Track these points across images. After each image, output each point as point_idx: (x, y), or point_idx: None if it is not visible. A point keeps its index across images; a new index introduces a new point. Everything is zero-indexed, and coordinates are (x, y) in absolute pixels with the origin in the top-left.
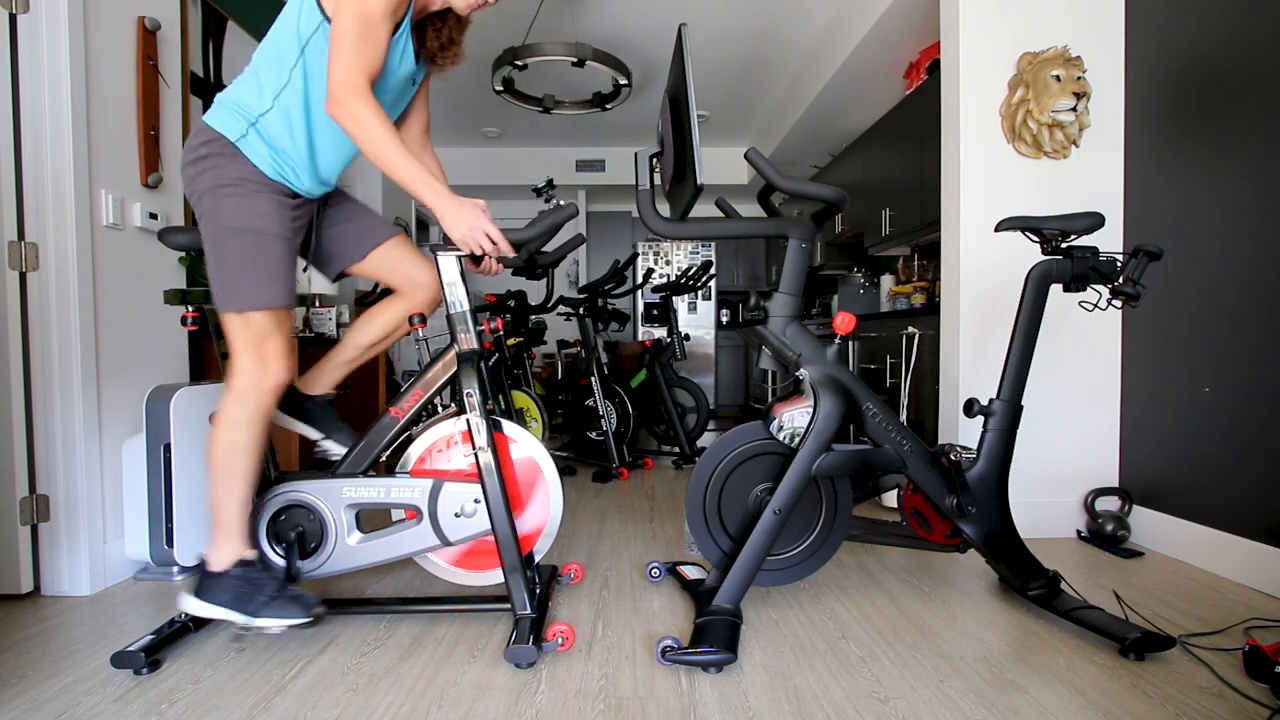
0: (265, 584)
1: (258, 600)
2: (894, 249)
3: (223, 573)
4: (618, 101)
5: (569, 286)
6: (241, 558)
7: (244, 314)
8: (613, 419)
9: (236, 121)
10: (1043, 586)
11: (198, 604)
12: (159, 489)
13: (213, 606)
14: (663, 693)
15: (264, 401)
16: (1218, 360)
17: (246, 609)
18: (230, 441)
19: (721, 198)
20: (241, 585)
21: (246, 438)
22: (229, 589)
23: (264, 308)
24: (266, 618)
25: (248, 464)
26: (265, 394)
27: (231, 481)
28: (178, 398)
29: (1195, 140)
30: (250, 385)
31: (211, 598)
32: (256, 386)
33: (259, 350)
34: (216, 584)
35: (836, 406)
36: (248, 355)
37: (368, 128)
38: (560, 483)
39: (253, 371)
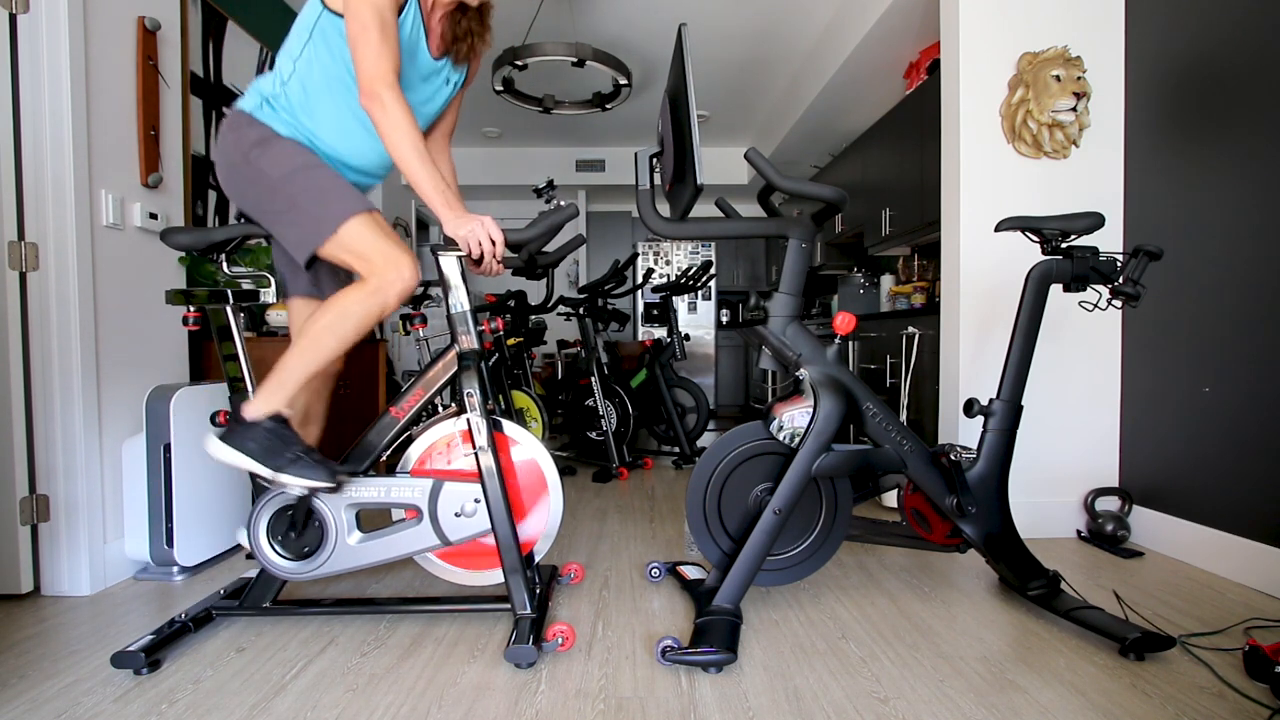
0: (294, 442)
1: (285, 456)
2: (894, 249)
3: (255, 422)
4: (618, 101)
5: (569, 286)
6: (279, 412)
7: (343, 231)
8: (613, 419)
9: (253, 97)
10: (1043, 586)
11: (224, 449)
12: (159, 489)
13: (239, 454)
14: (663, 693)
15: (385, 302)
16: (1218, 360)
17: (272, 461)
18: (336, 323)
19: (721, 198)
20: (271, 438)
21: (352, 326)
22: (259, 439)
23: (356, 213)
24: (291, 474)
25: (337, 348)
26: (392, 295)
27: (312, 354)
28: (178, 398)
29: (1195, 140)
30: (381, 283)
31: (240, 444)
32: (388, 284)
33: (384, 251)
34: (247, 432)
35: (836, 406)
36: (375, 259)
37: (395, 123)
38: (560, 483)
39: (386, 270)
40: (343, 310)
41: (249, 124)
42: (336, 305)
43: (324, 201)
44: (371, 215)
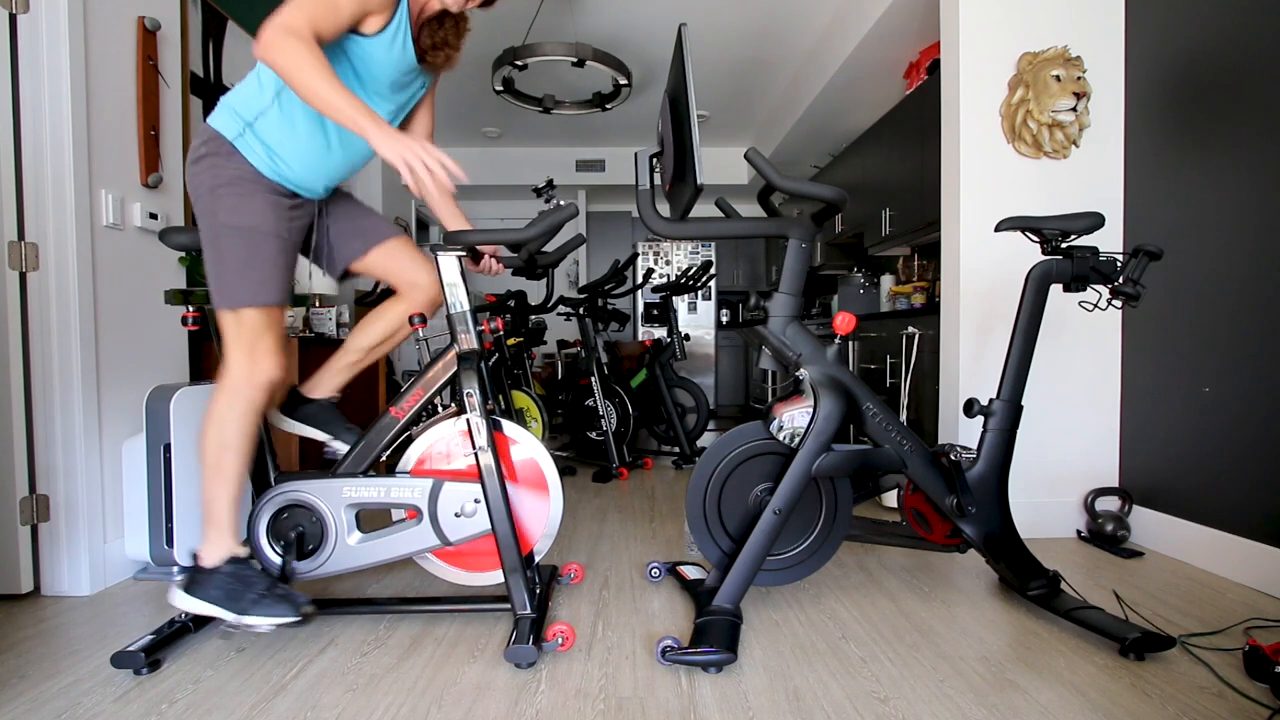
0: (255, 582)
1: (247, 598)
2: (894, 249)
3: (214, 569)
4: (618, 101)
5: (569, 286)
6: (233, 554)
7: (237, 311)
8: (613, 419)
9: (234, 121)
10: (1043, 586)
11: (188, 599)
12: (159, 489)
13: (202, 603)
14: (663, 693)
15: (253, 397)
16: (1218, 360)
17: (235, 606)
18: (220, 438)
19: (721, 198)
20: (232, 582)
21: (236, 434)
22: (220, 585)
23: (256, 305)
24: (256, 615)
25: (238, 460)
26: (255, 390)
27: (222, 477)
28: (178, 398)
29: (1195, 140)
30: (240, 381)
31: (202, 594)
32: (246, 382)
33: (251, 347)
34: (208, 580)
35: (836, 406)
36: (240, 352)
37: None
38: (560, 483)
39: (244, 368)
40: (219, 421)
41: (228, 156)
42: (211, 420)
43: (243, 276)
44: (271, 312)
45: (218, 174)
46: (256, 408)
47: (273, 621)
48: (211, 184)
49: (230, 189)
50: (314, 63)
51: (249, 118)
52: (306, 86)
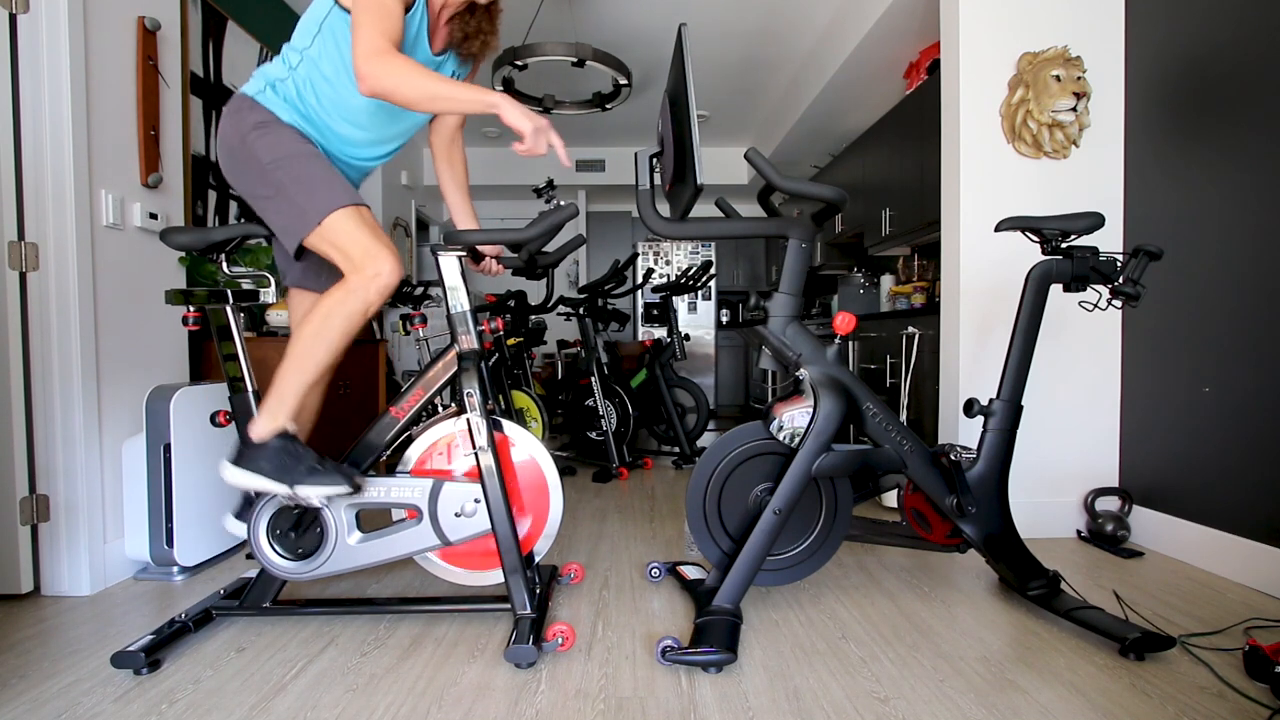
0: (305, 455)
1: (299, 469)
2: (894, 249)
3: (264, 442)
4: (618, 101)
5: (569, 286)
6: (284, 429)
7: (326, 223)
8: (613, 419)
9: (257, 82)
10: (1043, 586)
11: (239, 472)
12: (159, 489)
13: (254, 475)
14: (663, 693)
15: (368, 300)
16: (1218, 360)
17: (288, 478)
18: (322, 327)
19: (721, 198)
20: (282, 455)
21: (339, 329)
22: (271, 458)
23: (341, 206)
24: (308, 485)
25: (328, 355)
26: (373, 292)
27: (305, 363)
28: (178, 398)
29: (1195, 140)
30: (361, 280)
31: (253, 465)
32: (367, 282)
33: (365, 247)
34: (258, 453)
35: (836, 406)
36: (354, 255)
37: (403, 77)
38: (560, 483)
39: (365, 266)
40: (327, 313)
41: (250, 108)
42: (320, 310)
43: (311, 192)
44: (358, 210)
45: (241, 122)
46: (368, 311)
47: (325, 491)
48: (239, 136)
49: (257, 132)
50: (413, 71)
51: (270, 81)
52: (421, 92)
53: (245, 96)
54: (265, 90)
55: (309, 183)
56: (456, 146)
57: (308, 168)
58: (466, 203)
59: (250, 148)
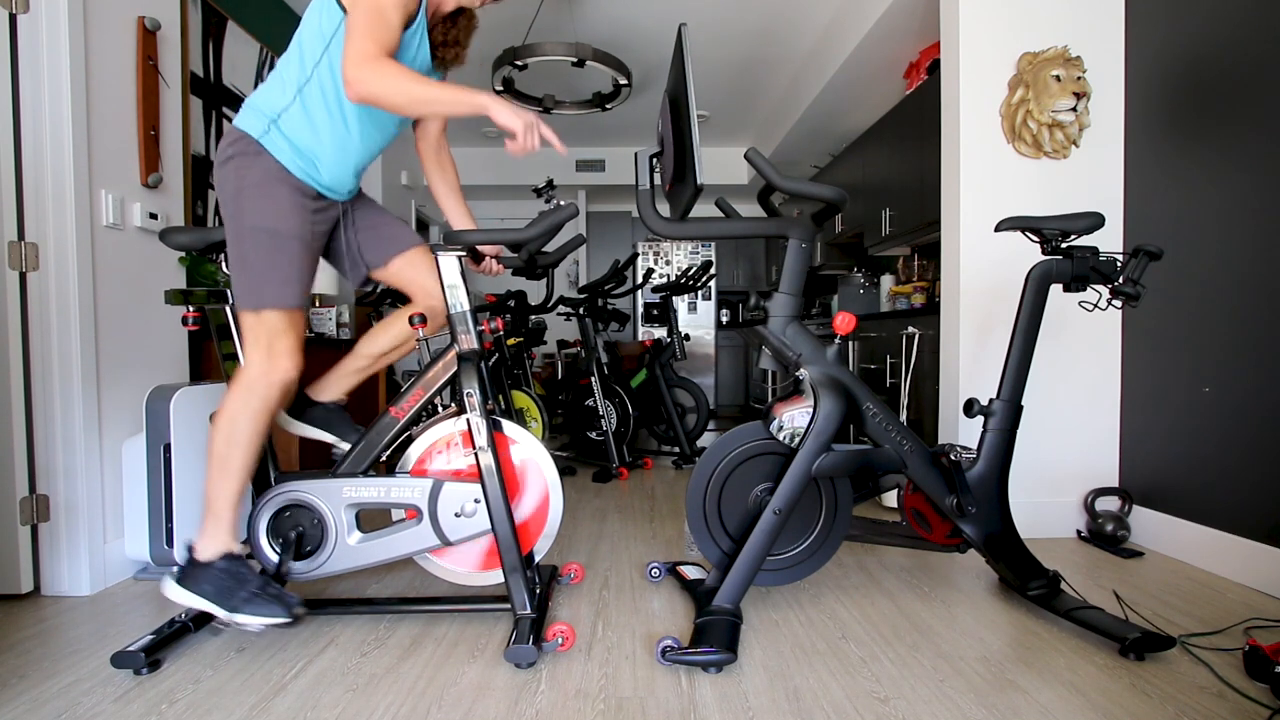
0: (249, 580)
1: (239, 596)
2: (894, 249)
3: (208, 563)
4: (618, 101)
5: (569, 286)
6: (229, 550)
7: (259, 312)
8: (613, 419)
9: (259, 119)
10: (1043, 586)
11: (180, 591)
12: (159, 489)
13: (194, 596)
14: (663, 693)
15: (269, 395)
16: (1218, 360)
17: (227, 603)
18: (231, 433)
19: (721, 198)
20: (225, 579)
21: (248, 431)
22: (212, 580)
23: (278, 307)
24: (246, 614)
25: (246, 458)
26: (271, 388)
27: (228, 473)
28: (178, 398)
29: (1195, 140)
30: (257, 378)
31: (194, 587)
32: (263, 379)
33: (270, 346)
34: (201, 574)
35: (836, 406)
36: (259, 350)
37: (393, 82)
38: (560, 483)
39: (261, 365)
40: (232, 418)
41: (256, 155)
42: (225, 416)
43: (268, 277)
44: (292, 315)
45: (243, 176)
46: (270, 407)
47: (263, 621)
48: (237, 186)
49: (255, 190)
50: (401, 75)
51: (273, 115)
52: (406, 96)
53: (250, 140)
54: (270, 131)
55: (270, 268)
56: (444, 151)
57: (277, 253)
58: (461, 204)
59: (242, 204)
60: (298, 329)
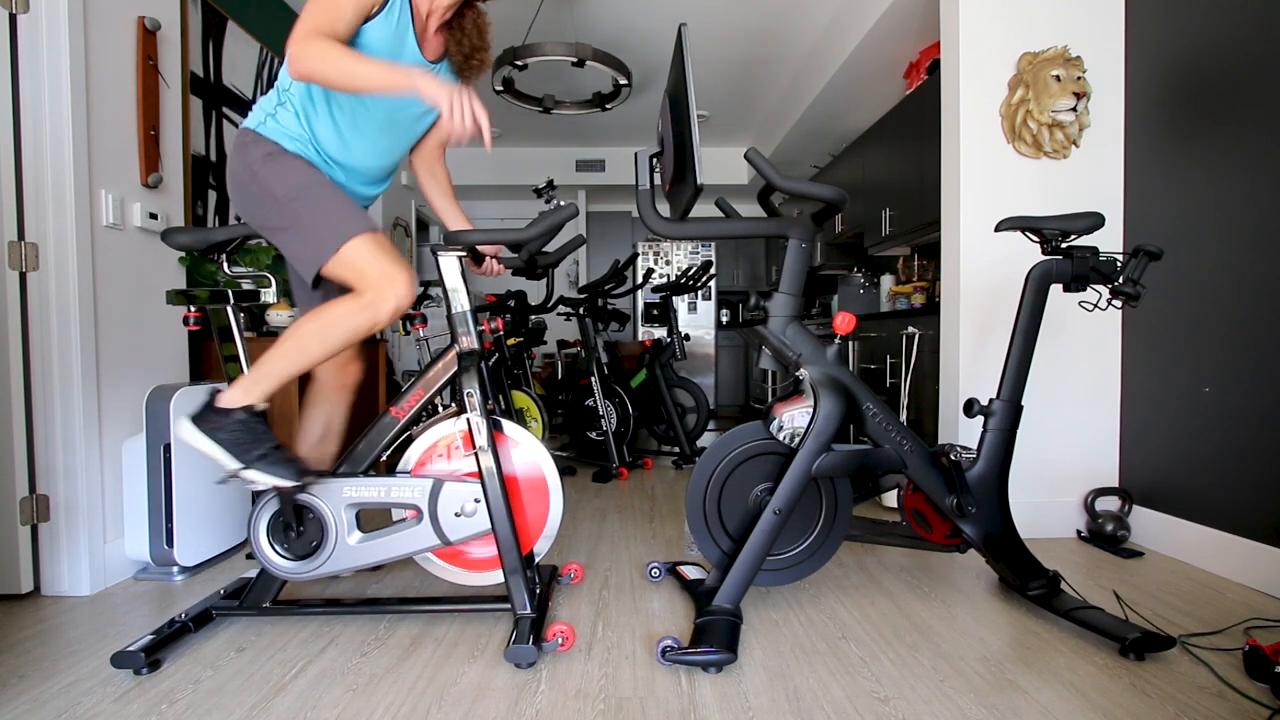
0: (265, 438)
1: (253, 451)
2: (894, 249)
3: (228, 410)
4: (618, 101)
5: (569, 286)
6: (253, 406)
7: (344, 250)
8: (613, 419)
9: (257, 114)
10: (1043, 586)
11: (193, 433)
12: (159, 489)
13: (209, 441)
14: (663, 693)
15: (376, 318)
16: (1218, 360)
17: (240, 454)
18: (323, 329)
19: (721, 198)
20: (242, 431)
21: (339, 336)
22: (230, 430)
23: (358, 233)
24: (257, 470)
25: (322, 354)
26: (384, 312)
27: (296, 355)
28: (178, 398)
29: (1195, 140)
30: (376, 297)
31: (210, 431)
32: (382, 299)
33: (382, 268)
34: (220, 421)
35: (836, 406)
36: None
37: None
38: (560, 483)
39: (381, 285)
40: (333, 319)
41: (255, 141)
42: (328, 313)
43: (327, 221)
44: (374, 235)
45: (249, 157)
46: (374, 328)
47: (272, 480)
48: (249, 170)
49: (266, 165)
50: (338, 52)
51: (269, 110)
52: (342, 71)
53: (248, 130)
54: (266, 121)
55: (325, 212)
56: (439, 164)
57: (322, 197)
58: (455, 207)
59: (263, 182)
60: (389, 251)
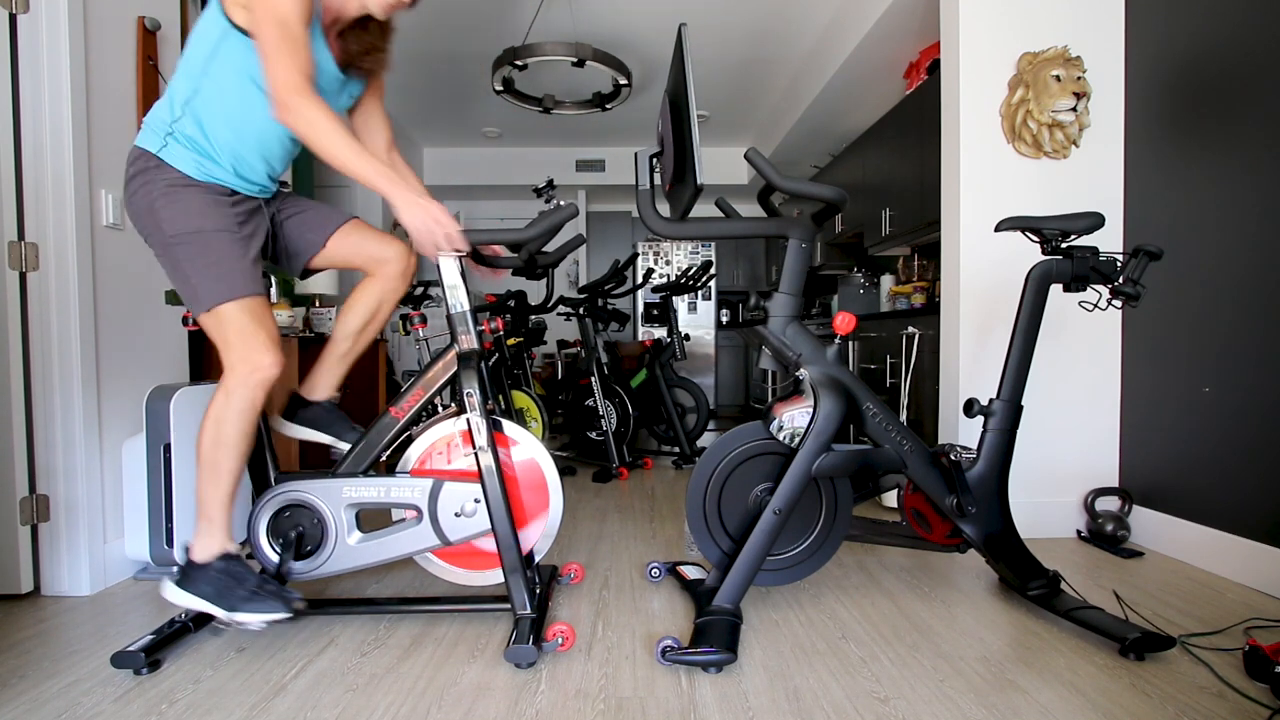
0: (247, 578)
1: (237, 595)
2: (894, 249)
3: (205, 564)
4: (618, 101)
5: (569, 286)
6: (225, 551)
7: (213, 312)
8: (613, 419)
9: (154, 136)
10: (1043, 586)
11: (179, 593)
12: (159, 489)
13: (193, 597)
14: (663, 693)
15: (251, 395)
16: (1218, 360)
17: (226, 603)
18: (217, 435)
19: (721, 198)
20: (223, 579)
21: (233, 432)
22: (211, 581)
23: (227, 300)
24: (245, 613)
25: (234, 460)
26: (251, 388)
27: (217, 476)
28: (178, 398)
29: (1195, 140)
30: (237, 380)
31: (193, 588)
32: (244, 380)
33: (241, 343)
34: (199, 575)
35: (836, 406)
36: (232, 350)
37: (318, 128)
38: (560, 483)
39: (239, 365)
40: (216, 420)
41: (157, 168)
42: (209, 419)
43: (205, 277)
44: (249, 302)
45: (150, 189)
46: (255, 405)
47: (263, 618)
48: (147, 203)
49: (165, 200)
50: (329, 125)
51: (166, 128)
52: (326, 151)
53: (149, 155)
54: (167, 144)
55: (205, 267)
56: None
57: (206, 250)
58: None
59: (156, 217)
60: (265, 322)
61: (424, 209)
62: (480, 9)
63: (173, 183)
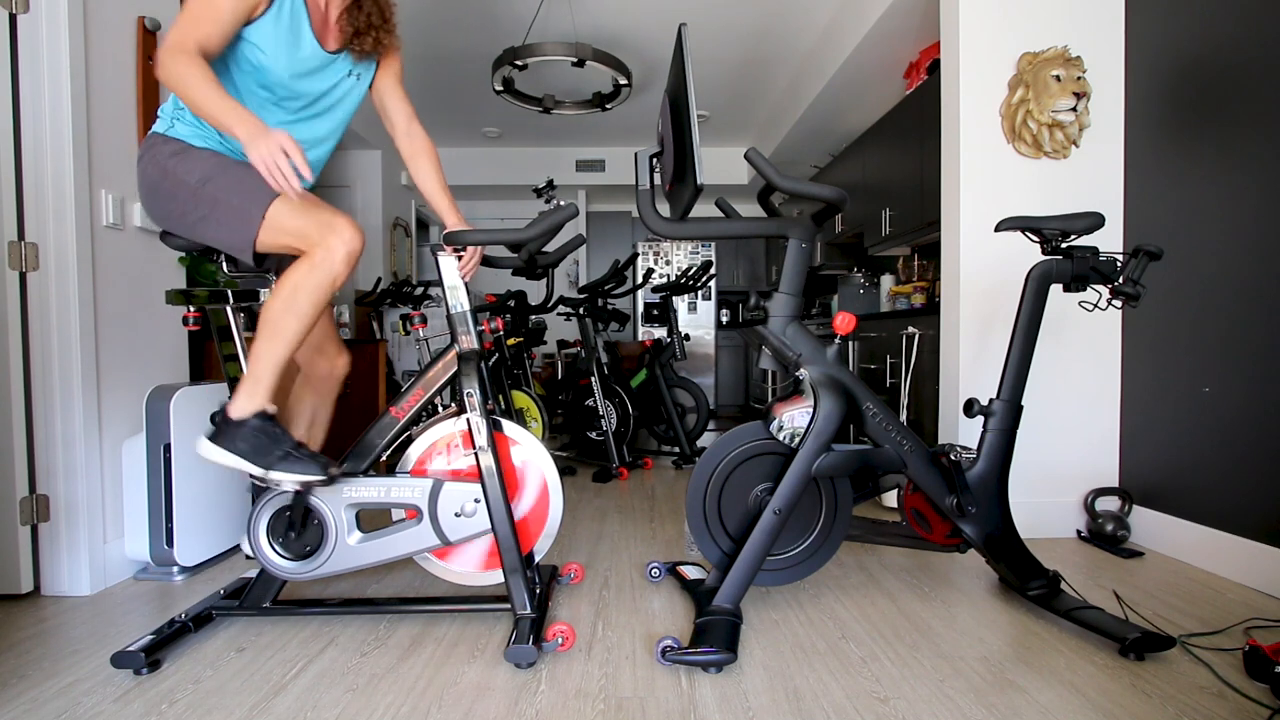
0: (282, 438)
1: (274, 453)
2: (894, 249)
3: (242, 421)
4: (618, 101)
5: (569, 286)
6: (263, 409)
7: (267, 220)
8: (613, 419)
9: (163, 120)
10: (1043, 586)
11: (213, 449)
12: (159, 489)
13: (229, 454)
14: (663, 693)
15: (334, 271)
16: (1218, 360)
17: (262, 460)
18: (291, 301)
19: (721, 198)
20: (259, 436)
21: (306, 302)
22: (247, 438)
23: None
24: (281, 470)
25: (300, 328)
26: (337, 262)
27: (277, 339)
28: (178, 398)
29: (1195, 140)
30: (325, 253)
31: (229, 445)
32: (332, 252)
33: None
34: (235, 432)
35: (836, 406)
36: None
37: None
38: (560, 483)
39: (325, 239)
40: (294, 288)
41: (163, 142)
42: (287, 284)
43: (245, 191)
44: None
45: (157, 156)
46: (336, 282)
47: (298, 478)
48: (159, 167)
49: (176, 159)
50: (195, 75)
51: (174, 113)
52: (190, 99)
53: (155, 134)
54: (173, 125)
55: (241, 184)
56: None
57: (234, 174)
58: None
59: (174, 175)
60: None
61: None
62: (480, 9)
63: (176, 150)
